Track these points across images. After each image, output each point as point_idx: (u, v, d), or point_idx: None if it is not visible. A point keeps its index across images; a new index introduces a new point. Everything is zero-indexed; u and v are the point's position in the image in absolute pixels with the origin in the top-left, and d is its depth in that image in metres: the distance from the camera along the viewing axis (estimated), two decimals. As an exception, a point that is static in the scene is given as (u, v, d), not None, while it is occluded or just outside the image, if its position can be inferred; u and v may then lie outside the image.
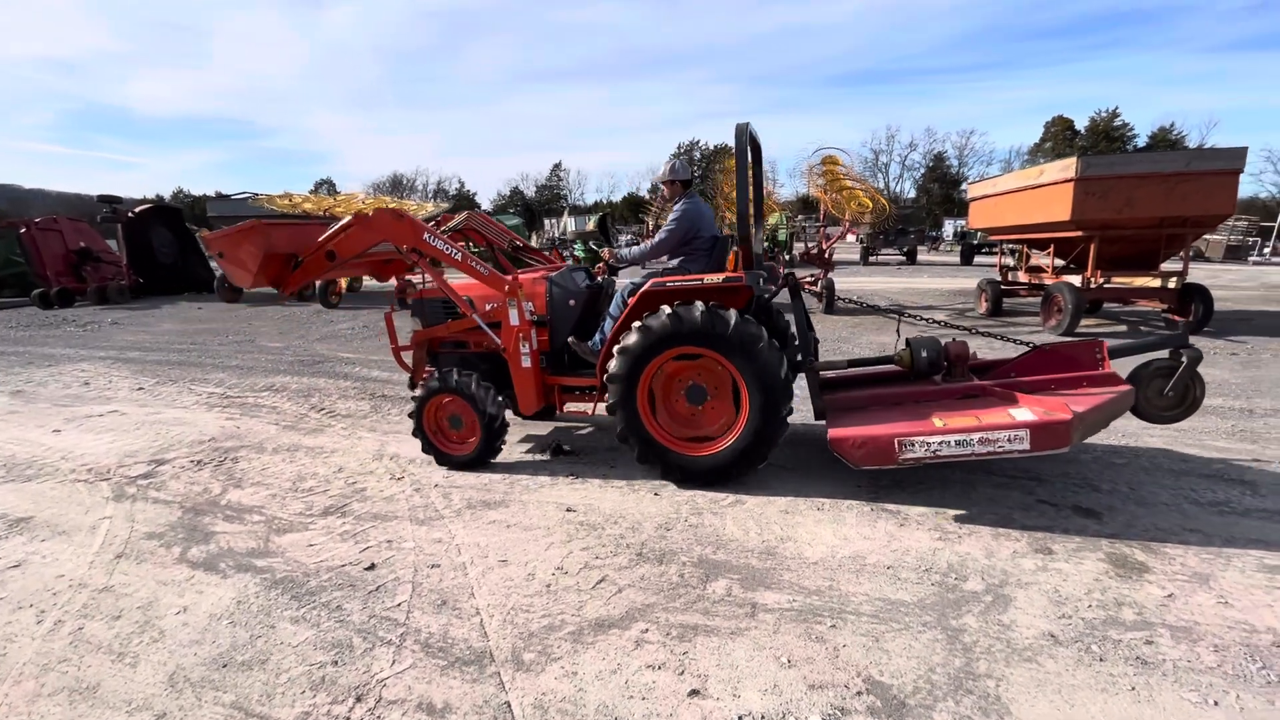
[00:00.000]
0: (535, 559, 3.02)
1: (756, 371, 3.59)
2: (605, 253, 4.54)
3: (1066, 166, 8.07)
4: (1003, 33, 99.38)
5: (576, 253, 10.51)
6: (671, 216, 4.21)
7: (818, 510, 3.46)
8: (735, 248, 3.85)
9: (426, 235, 4.09)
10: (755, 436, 3.65)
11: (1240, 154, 7.72)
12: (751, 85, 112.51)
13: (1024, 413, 3.38)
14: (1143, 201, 7.78)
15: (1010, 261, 11.96)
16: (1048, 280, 9.38)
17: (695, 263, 4.14)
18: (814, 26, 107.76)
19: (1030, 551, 2.99)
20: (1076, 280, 8.63)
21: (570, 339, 4.28)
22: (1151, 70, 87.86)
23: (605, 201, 73.63)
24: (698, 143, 73.80)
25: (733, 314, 3.57)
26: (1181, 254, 8.75)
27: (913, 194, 70.81)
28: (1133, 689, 2.10)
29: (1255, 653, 2.25)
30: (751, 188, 3.99)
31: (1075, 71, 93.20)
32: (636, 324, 3.73)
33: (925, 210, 58.39)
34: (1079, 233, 8.30)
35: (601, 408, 4.03)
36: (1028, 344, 4.24)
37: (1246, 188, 54.40)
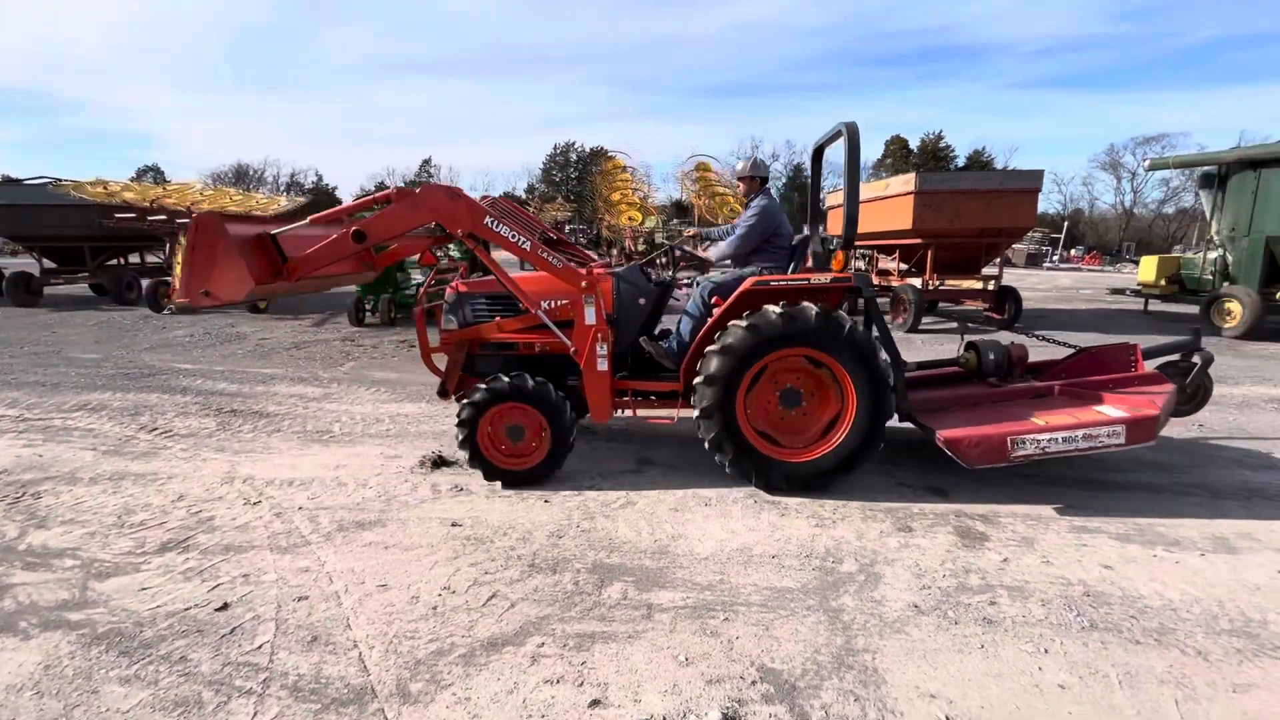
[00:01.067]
0: (419, 580, 2.83)
1: (868, 374, 3.58)
2: (696, 246, 4.47)
3: (908, 181, 9.03)
4: (850, 57, 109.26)
5: (452, 253, 10.04)
6: (751, 211, 4.16)
7: (705, 505, 3.57)
8: (809, 250, 4.09)
9: (489, 220, 3.72)
10: (862, 439, 3.63)
11: (1038, 175, 9.09)
12: (626, 90, 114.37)
13: (1114, 410, 3.68)
14: (968, 214, 8.90)
15: (862, 265, 13.17)
16: (894, 282, 10.43)
17: (777, 263, 4.12)
18: (683, 37, 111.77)
19: (894, 530, 3.28)
20: (918, 282, 9.69)
21: (643, 339, 4.07)
22: (968, 100, 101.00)
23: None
24: (574, 144, 73.91)
25: (848, 316, 3.62)
26: (997, 260, 10.13)
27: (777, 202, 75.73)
28: (982, 647, 2.37)
29: (1071, 603, 2.63)
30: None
31: (910, 97, 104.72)
32: (743, 322, 3.60)
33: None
34: (919, 240, 9.33)
35: (673, 413, 4.06)
36: (1073, 346, 4.68)
37: (1040, 202, 63.81)
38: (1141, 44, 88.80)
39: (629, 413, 4.20)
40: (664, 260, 4.47)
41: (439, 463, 4.21)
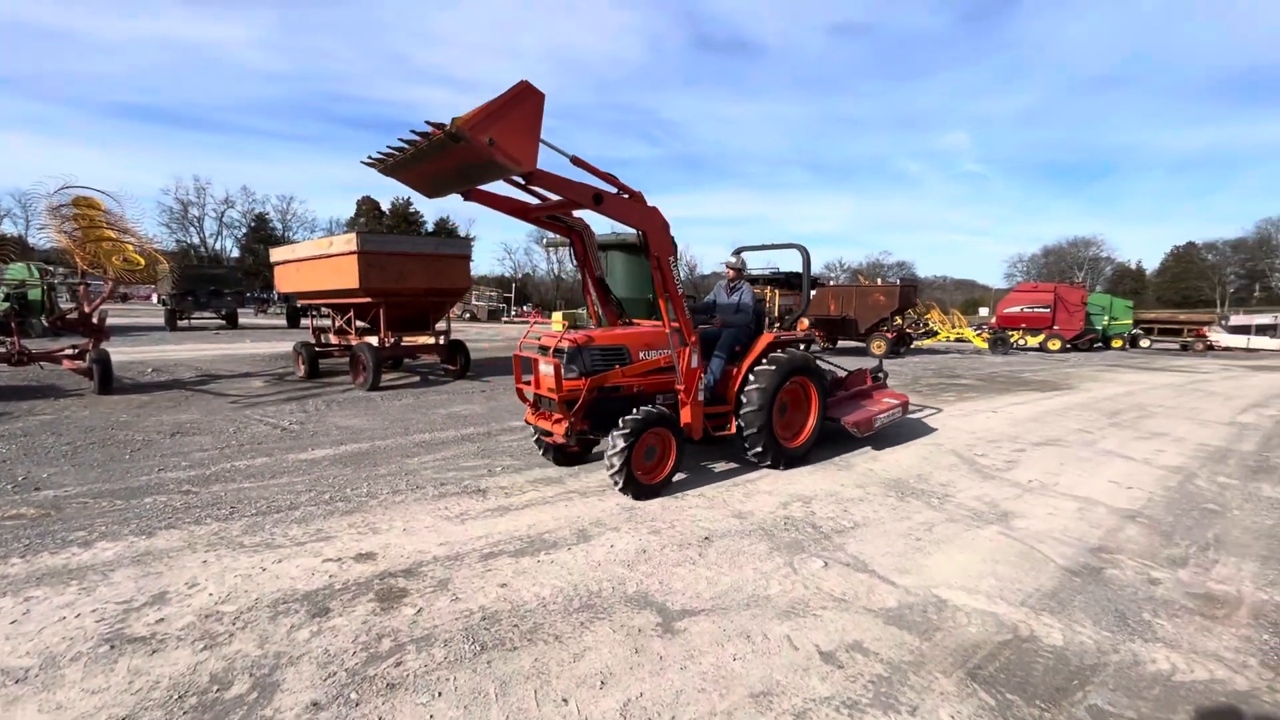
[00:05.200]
0: None
1: (823, 390, 6.03)
2: (717, 320, 5.86)
3: (349, 240, 9.00)
4: (314, 113, 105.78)
5: None
6: (750, 296, 6.00)
7: (18, 683, 2.44)
8: (800, 316, 6.59)
9: (672, 259, 4.79)
10: (819, 430, 5.96)
11: (468, 243, 10.50)
12: (-37, 82, 79.36)
13: (893, 400, 7.14)
14: (413, 275, 9.50)
15: (327, 323, 12.49)
16: (353, 341, 10.21)
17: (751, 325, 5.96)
18: (79, 35, 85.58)
19: (308, 619, 2.95)
20: (375, 340, 9.74)
21: None
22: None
23: None
24: None
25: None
26: (446, 317, 11.17)
27: (236, 253, 66.35)
28: (379, 718, 2.29)
29: (470, 633, 2.86)
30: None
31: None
32: (783, 356, 5.64)
33: (249, 270, 55.28)
34: (369, 299, 9.40)
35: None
36: (847, 370, 7.56)
37: (495, 267, 75.43)
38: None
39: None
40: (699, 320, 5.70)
41: None
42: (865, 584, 3.45)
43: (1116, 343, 25.42)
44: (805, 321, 8.76)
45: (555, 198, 4.35)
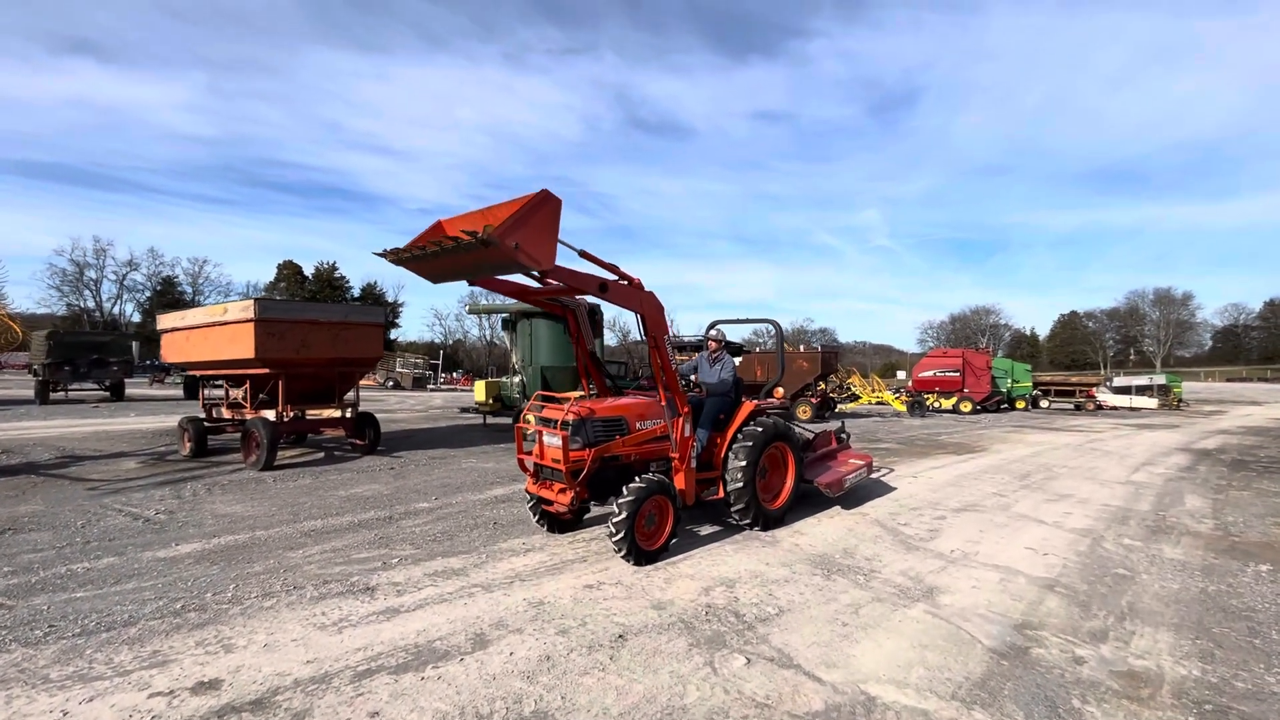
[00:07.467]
0: None
1: (799, 455, 6.40)
2: (701, 391, 6.26)
3: (246, 308, 8.35)
4: (235, 175, 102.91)
5: None
6: (731, 366, 6.24)
7: None
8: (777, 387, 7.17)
9: (667, 337, 5.11)
10: (796, 492, 6.29)
11: (380, 311, 10.00)
12: None
13: (858, 461, 7.40)
14: (316, 344, 8.87)
15: (220, 395, 11.43)
16: (248, 415, 9.33)
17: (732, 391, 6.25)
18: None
19: (109, 782, 2.34)
20: (272, 414, 8.92)
21: None
22: (363, 238, 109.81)
23: None
24: None
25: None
26: (356, 388, 10.46)
27: (138, 318, 62.07)
28: None
29: (322, 784, 2.34)
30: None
31: (303, 226, 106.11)
32: (770, 419, 6.09)
33: (149, 336, 51.46)
34: (266, 370, 8.67)
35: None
36: (812, 432, 7.82)
37: (425, 333, 73.54)
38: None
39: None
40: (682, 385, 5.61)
41: None
42: (790, 683, 3.14)
43: (1020, 404, 27.09)
44: (781, 390, 9.14)
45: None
